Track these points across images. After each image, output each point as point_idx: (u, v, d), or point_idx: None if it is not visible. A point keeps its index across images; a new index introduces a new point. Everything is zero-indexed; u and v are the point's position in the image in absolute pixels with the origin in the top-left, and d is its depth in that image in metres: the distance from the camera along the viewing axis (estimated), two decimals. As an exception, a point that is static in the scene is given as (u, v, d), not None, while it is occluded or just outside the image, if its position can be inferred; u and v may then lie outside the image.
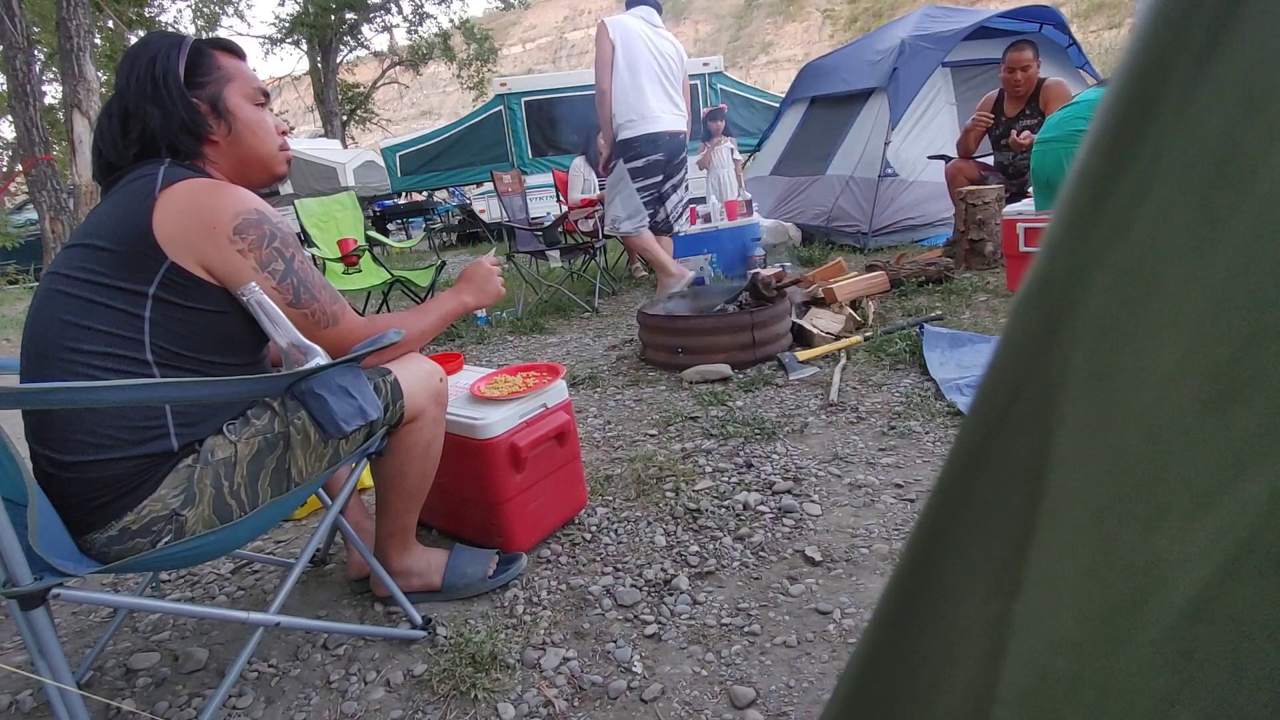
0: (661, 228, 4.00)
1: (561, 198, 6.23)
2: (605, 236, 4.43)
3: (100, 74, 7.86)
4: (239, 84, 1.24)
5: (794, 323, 3.00)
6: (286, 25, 18.50)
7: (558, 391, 1.68)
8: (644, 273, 5.18)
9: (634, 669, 1.25)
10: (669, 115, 3.80)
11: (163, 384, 1.01)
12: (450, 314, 1.44)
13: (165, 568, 1.16)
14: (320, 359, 1.15)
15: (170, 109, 1.16)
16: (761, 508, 1.73)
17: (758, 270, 3.10)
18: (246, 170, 1.26)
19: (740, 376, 2.69)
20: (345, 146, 16.19)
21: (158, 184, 1.11)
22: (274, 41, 18.93)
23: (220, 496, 1.11)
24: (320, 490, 1.43)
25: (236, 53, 1.27)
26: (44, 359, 1.08)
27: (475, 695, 1.21)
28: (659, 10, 3.92)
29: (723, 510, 1.73)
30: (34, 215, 8.70)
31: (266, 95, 1.28)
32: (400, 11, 19.19)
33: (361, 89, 21.11)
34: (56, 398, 0.92)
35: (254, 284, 1.12)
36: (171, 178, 1.12)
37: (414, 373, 1.32)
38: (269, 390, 1.15)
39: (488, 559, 1.52)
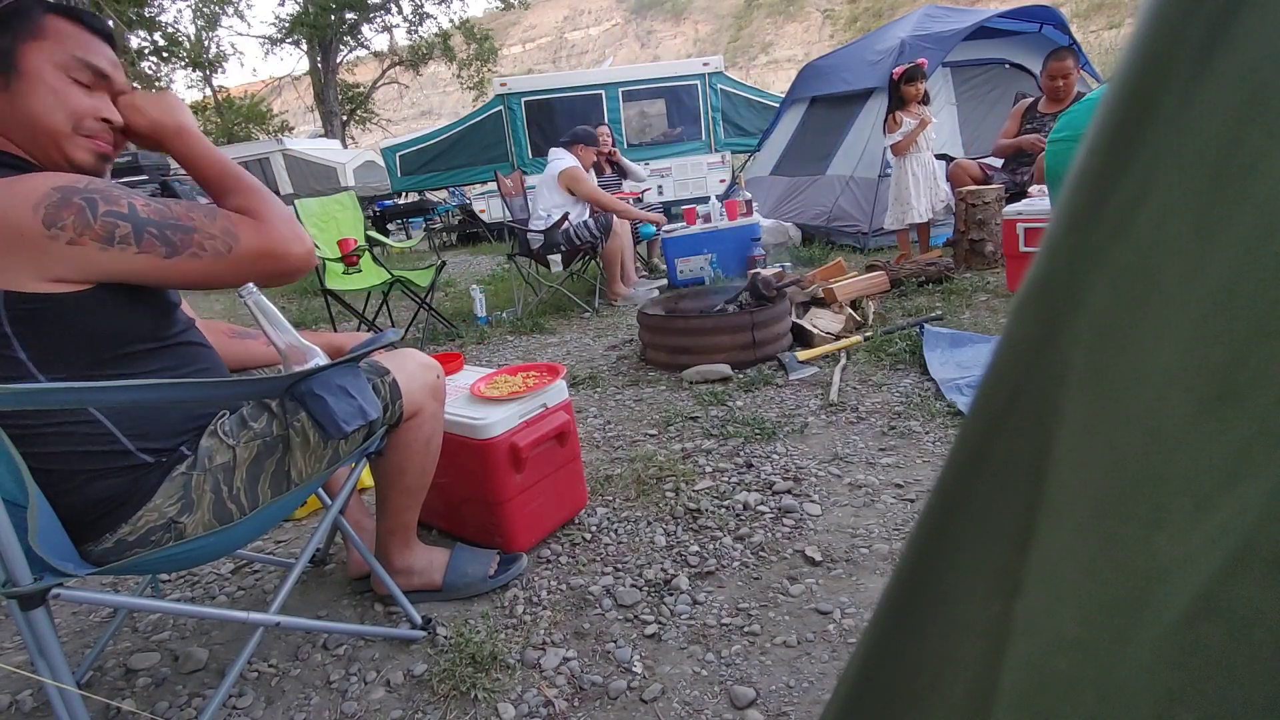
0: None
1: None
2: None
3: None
4: (56, 47, 1.00)
5: (794, 323, 3.00)
6: (286, 25, 18.50)
7: (558, 391, 1.68)
8: (645, 273, 5.19)
9: (634, 669, 1.25)
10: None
11: (163, 384, 0.99)
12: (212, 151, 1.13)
13: (165, 569, 1.16)
14: (320, 359, 1.15)
15: None
16: (761, 508, 1.73)
17: (758, 270, 3.10)
18: (38, 140, 1.00)
19: (740, 376, 2.69)
20: (345, 146, 16.20)
21: None
22: (274, 41, 18.94)
23: (220, 501, 1.10)
24: (320, 490, 1.43)
25: (90, 25, 1.04)
26: None
27: (475, 695, 1.21)
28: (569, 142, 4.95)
29: (723, 510, 1.73)
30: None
31: (100, 75, 1.03)
32: (400, 11, 19.21)
33: (361, 89, 21.11)
34: (53, 398, 0.92)
35: (251, 285, 1.11)
36: None
37: (411, 370, 1.32)
38: (268, 391, 1.14)
39: (488, 559, 1.52)
